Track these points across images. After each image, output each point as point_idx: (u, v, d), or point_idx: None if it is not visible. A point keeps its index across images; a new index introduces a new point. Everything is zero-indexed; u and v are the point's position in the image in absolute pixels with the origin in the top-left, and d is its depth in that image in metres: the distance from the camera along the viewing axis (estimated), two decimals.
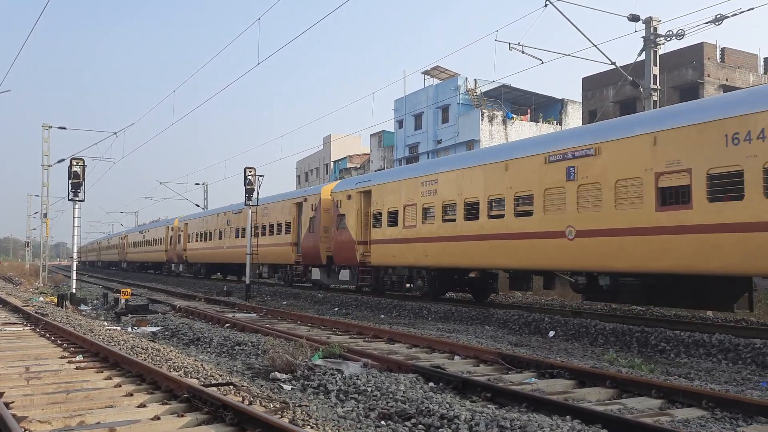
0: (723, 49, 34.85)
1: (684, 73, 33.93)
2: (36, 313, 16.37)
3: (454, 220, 18.14)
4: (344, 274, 24.30)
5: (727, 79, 33.89)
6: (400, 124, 54.27)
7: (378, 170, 52.18)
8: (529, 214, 15.42)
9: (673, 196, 12.29)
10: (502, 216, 16.36)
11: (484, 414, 6.33)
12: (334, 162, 68.85)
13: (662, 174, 12.33)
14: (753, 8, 18.25)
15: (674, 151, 12.13)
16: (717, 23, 18.97)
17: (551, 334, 13.98)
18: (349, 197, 23.60)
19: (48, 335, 12.71)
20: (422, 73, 52.48)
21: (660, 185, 12.39)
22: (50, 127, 35.09)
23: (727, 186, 11.33)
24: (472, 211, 17.44)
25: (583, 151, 14.08)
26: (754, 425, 6.53)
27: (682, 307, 15.80)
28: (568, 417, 6.42)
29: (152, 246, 54.13)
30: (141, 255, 58.81)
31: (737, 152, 11.11)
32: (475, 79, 49.29)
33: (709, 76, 33.39)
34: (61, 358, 9.89)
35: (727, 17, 18.81)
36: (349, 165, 64.45)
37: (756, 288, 13.92)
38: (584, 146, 14.09)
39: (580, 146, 14.21)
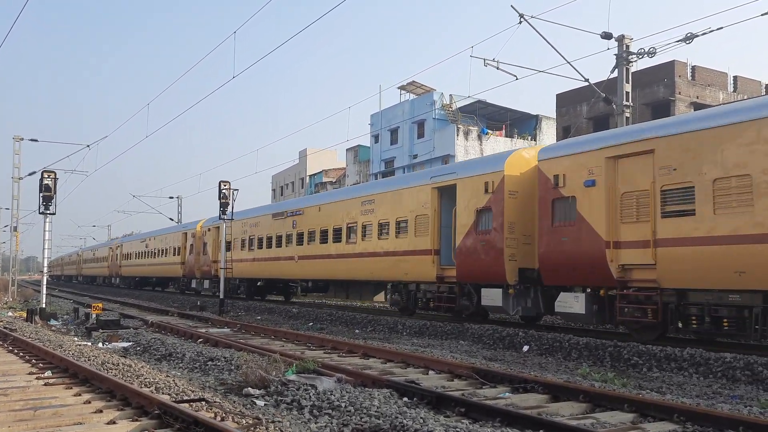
0: (694, 67, 35.56)
1: (656, 90, 34.53)
2: (4, 328, 16.02)
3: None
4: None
5: (697, 97, 34.56)
6: (376, 138, 54.40)
7: (354, 184, 52.16)
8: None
9: None
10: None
11: (457, 429, 6.32)
12: (310, 176, 68.72)
13: None
14: (722, 27, 18.69)
15: None
16: (687, 42, 19.38)
17: (525, 348, 14.04)
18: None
19: (16, 351, 12.46)
20: (398, 87, 52.77)
21: None
22: (21, 139, 34.55)
23: None
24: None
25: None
26: None
27: None
28: (541, 431, 6.44)
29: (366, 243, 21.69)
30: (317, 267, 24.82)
31: None
32: (450, 95, 49.66)
33: (680, 93, 34.02)
34: (29, 374, 9.70)
35: (697, 36, 19.23)
36: (324, 179, 64.34)
37: None
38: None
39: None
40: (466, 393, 8.74)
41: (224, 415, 6.61)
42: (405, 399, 8.23)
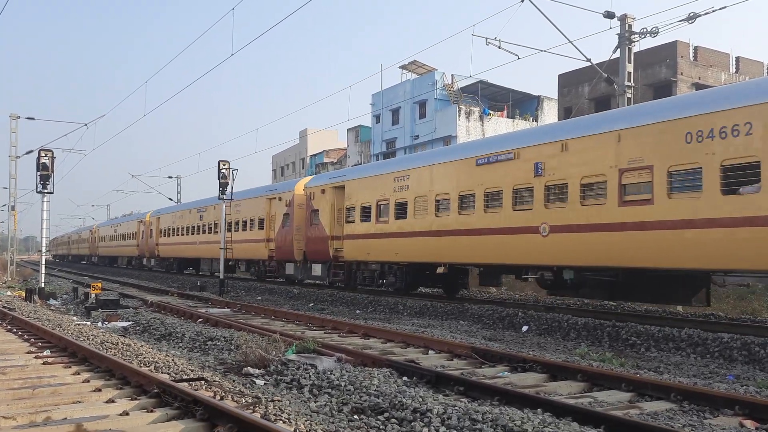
0: (696, 48, 35.29)
1: (658, 71, 34.30)
2: (3, 307, 16.06)
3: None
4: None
5: (699, 78, 34.34)
6: (377, 118, 54.15)
7: (355, 165, 52.03)
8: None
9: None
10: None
11: (456, 407, 6.33)
12: (311, 156, 68.53)
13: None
14: (725, 7, 18.51)
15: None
16: (690, 21, 19.20)
17: (524, 328, 14.08)
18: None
19: (15, 330, 12.48)
20: (400, 67, 52.43)
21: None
22: (18, 117, 34.38)
23: None
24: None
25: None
26: (720, 417, 6.63)
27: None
28: (539, 410, 6.46)
29: None
30: None
31: None
32: (452, 75, 49.37)
33: (682, 74, 33.80)
34: (27, 353, 9.72)
35: (700, 16, 19.05)
36: (325, 160, 64.15)
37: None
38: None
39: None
40: (465, 372, 8.77)
41: (223, 394, 6.62)
42: (404, 378, 8.25)
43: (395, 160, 24.12)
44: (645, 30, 21.13)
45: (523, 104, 52.11)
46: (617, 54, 21.79)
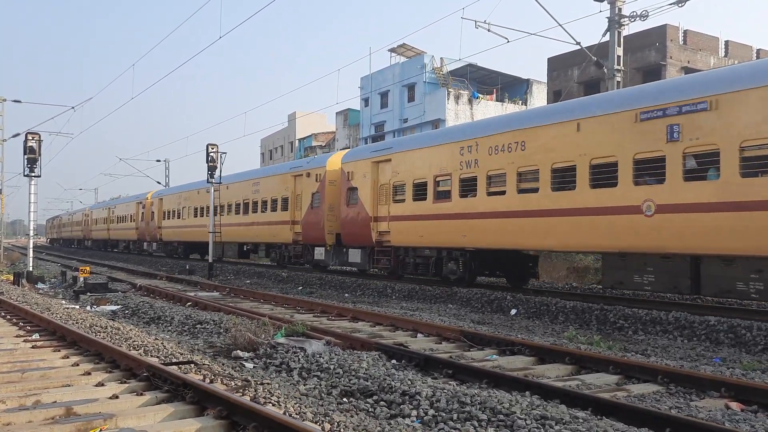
0: (685, 32, 35.30)
1: (647, 54, 34.30)
2: None
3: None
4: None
5: (689, 62, 34.38)
6: (366, 102, 53.94)
7: (343, 148, 51.81)
8: None
9: None
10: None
11: (445, 390, 6.37)
12: (299, 140, 68.24)
13: None
14: None
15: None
16: (680, 4, 19.19)
17: (513, 312, 14.16)
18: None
19: (3, 314, 12.41)
20: (389, 50, 52.21)
21: None
22: (4, 100, 34.00)
23: None
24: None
25: None
26: (706, 399, 6.72)
27: None
28: (527, 393, 6.52)
29: None
30: None
31: None
32: (441, 58, 49.16)
33: (671, 58, 33.82)
34: (16, 337, 9.67)
35: None
36: (314, 143, 63.93)
37: None
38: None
39: None
40: (454, 355, 8.82)
41: (213, 377, 6.63)
42: (393, 361, 8.28)
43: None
44: (635, 13, 21.11)
45: (512, 88, 52.04)
46: (607, 37, 21.77)
